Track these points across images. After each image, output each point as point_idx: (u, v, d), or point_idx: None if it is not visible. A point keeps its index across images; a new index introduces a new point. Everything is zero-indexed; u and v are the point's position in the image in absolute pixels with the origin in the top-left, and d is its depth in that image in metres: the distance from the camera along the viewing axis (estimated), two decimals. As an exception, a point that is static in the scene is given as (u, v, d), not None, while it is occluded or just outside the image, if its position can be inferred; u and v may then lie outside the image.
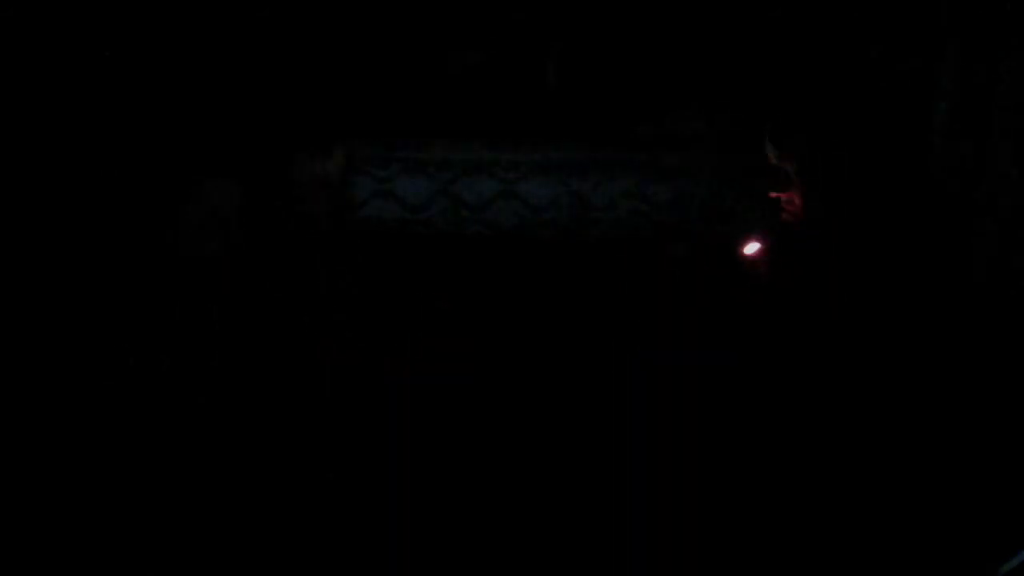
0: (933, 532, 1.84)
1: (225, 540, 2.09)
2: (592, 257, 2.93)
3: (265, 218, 2.42)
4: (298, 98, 2.86)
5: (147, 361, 2.27)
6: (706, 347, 2.20)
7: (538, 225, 2.95)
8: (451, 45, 3.29)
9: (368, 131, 3.01)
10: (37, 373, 2.28)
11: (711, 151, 2.93)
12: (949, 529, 1.82)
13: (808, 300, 2.03)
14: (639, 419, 2.33)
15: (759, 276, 2.10)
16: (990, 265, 2.03)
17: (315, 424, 2.39)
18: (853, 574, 1.90)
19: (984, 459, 1.88)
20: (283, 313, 2.42)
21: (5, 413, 2.22)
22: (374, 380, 2.47)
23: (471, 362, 2.78)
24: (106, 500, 2.12)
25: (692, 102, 3.13)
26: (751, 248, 2.11)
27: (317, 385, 2.37)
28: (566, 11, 3.29)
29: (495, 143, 2.99)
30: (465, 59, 3.28)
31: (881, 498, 1.94)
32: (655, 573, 2.00)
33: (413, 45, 3.27)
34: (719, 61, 3.19)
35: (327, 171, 2.57)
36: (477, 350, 2.80)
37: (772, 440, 1.99)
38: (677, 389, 2.26)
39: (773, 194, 2.08)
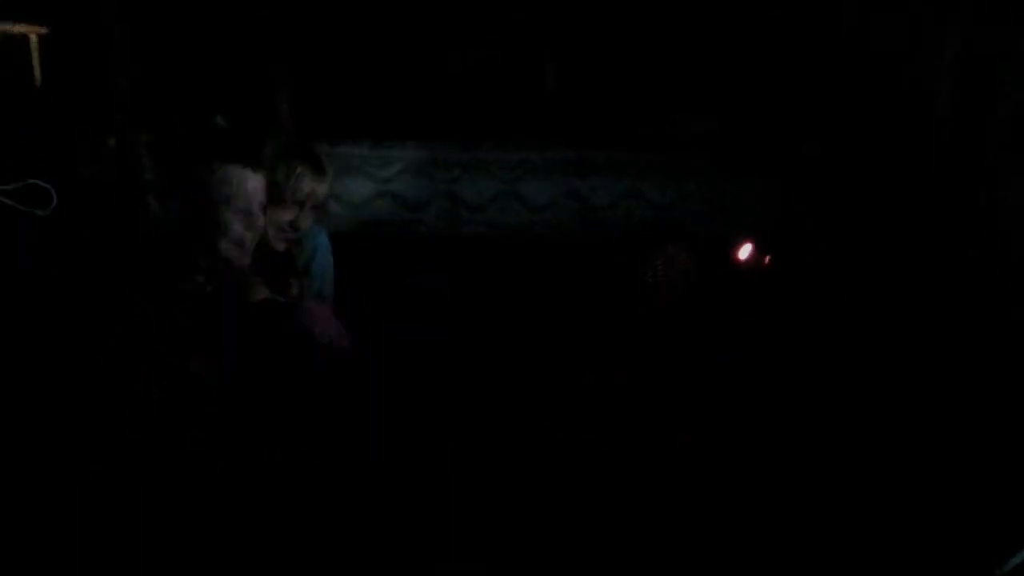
0: (933, 531, 1.84)
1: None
2: (592, 257, 2.93)
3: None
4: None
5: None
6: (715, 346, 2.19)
7: (538, 225, 2.95)
8: (451, 46, 3.29)
9: (367, 131, 3.01)
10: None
11: (711, 151, 2.93)
12: (949, 528, 1.81)
13: (813, 293, 2.03)
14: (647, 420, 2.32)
15: (765, 272, 2.10)
16: (991, 258, 2.03)
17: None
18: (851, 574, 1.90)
19: (985, 458, 1.88)
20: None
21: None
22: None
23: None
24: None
25: (692, 102, 3.13)
26: (744, 251, 2.10)
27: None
28: (566, 12, 3.29)
29: (495, 143, 2.99)
30: (465, 60, 3.29)
31: (880, 497, 1.94)
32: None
33: (413, 45, 3.27)
34: (719, 62, 3.19)
35: None
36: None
37: (776, 436, 1.98)
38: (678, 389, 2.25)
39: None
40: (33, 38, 2.56)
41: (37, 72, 2.56)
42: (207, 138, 2.16)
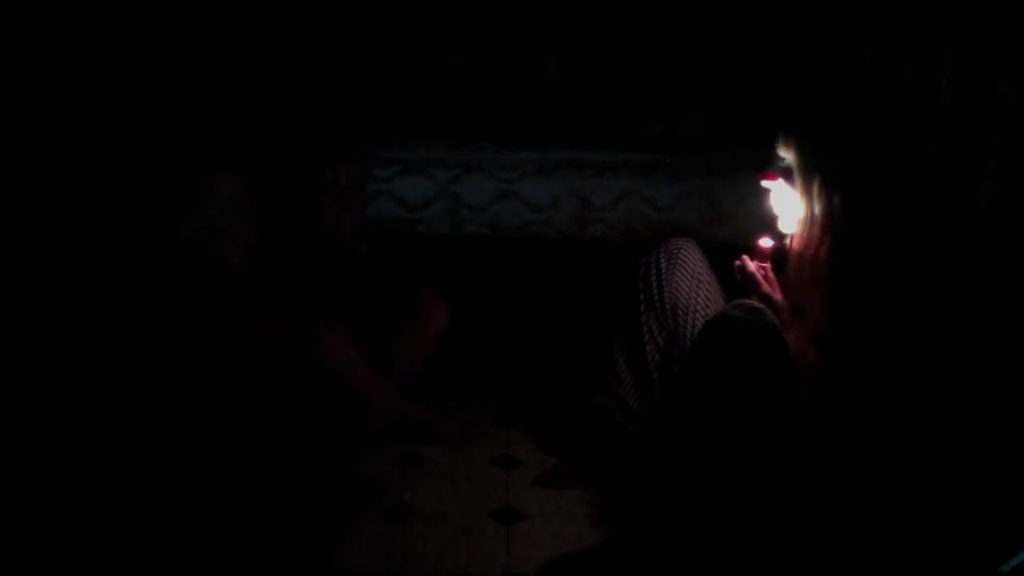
0: (933, 531, 1.84)
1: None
2: (592, 257, 2.93)
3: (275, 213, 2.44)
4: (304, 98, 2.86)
5: (161, 358, 2.28)
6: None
7: (538, 225, 2.95)
8: (452, 44, 3.29)
9: (368, 131, 3.01)
10: (46, 371, 2.28)
11: (711, 151, 2.93)
12: (949, 528, 1.82)
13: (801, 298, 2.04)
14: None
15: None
16: (988, 269, 2.03)
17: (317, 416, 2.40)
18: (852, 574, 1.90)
19: (984, 458, 1.88)
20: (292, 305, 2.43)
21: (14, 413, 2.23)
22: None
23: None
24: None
25: (692, 102, 3.13)
26: (765, 243, 2.11)
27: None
28: (567, 11, 3.29)
29: (495, 143, 2.98)
30: (465, 59, 3.29)
31: (880, 497, 1.94)
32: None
33: (414, 45, 3.27)
34: (718, 62, 3.20)
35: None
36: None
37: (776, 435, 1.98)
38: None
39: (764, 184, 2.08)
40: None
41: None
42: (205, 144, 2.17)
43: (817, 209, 1.97)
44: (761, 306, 1.98)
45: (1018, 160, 1.96)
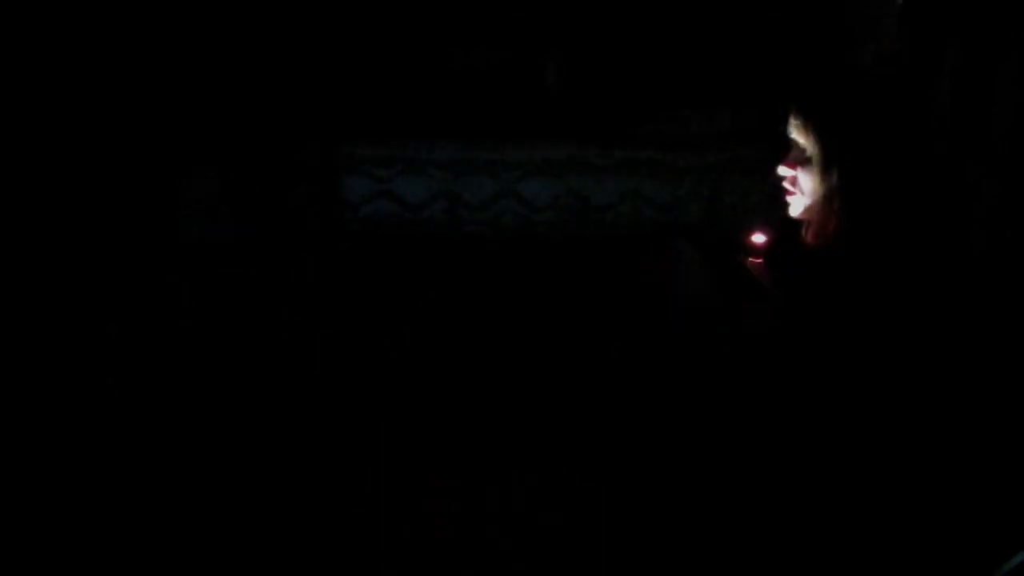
0: (932, 530, 1.84)
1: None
2: (592, 257, 2.93)
3: (251, 208, 2.41)
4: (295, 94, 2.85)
5: (136, 349, 2.28)
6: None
7: (538, 225, 2.95)
8: (452, 44, 3.29)
9: (368, 131, 3.01)
10: (27, 361, 2.28)
11: (711, 151, 2.93)
12: (949, 528, 1.82)
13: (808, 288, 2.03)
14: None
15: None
16: (988, 266, 2.03)
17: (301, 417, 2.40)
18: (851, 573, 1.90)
19: (984, 456, 1.88)
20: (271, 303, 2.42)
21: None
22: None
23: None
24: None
25: (692, 102, 3.13)
26: (758, 238, 2.10)
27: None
28: (566, 11, 3.29)
29: (495, 143, 2.98)
30: (465, 58, 3.29)
31: (880, 496, 1.94)
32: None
33: (413, 44, 3.27)
34: (718, 61, 3.19)
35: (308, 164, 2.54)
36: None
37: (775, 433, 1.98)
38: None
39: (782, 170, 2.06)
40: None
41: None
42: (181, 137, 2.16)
43: (834, 195, 1.96)
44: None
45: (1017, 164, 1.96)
